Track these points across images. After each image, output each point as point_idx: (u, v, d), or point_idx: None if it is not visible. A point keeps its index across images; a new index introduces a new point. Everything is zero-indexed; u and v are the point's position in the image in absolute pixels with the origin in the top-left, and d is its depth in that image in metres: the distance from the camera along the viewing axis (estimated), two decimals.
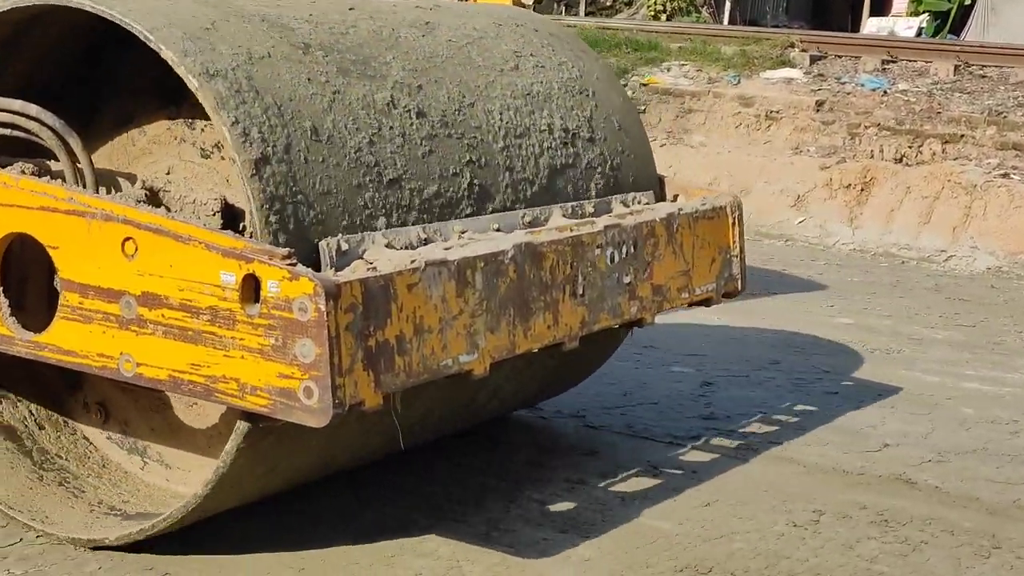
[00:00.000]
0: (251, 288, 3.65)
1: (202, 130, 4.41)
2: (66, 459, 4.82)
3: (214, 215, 4.27)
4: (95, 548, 4.33)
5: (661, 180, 5.63)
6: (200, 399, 4.02)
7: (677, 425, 5.93)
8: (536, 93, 5.10)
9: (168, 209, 4.20)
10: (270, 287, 3.61)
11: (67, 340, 4.06)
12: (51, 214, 4.04)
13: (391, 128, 4.37)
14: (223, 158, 4.31)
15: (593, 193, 5.15)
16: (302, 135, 4.03)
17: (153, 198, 4.26)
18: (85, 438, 4.90)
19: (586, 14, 25.39)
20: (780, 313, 8.42)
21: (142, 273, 3.84)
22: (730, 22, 24.93)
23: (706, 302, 5.39)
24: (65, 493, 4.67)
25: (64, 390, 4.91)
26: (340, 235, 3.98)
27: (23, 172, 4.22)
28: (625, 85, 13.16)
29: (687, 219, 5.16)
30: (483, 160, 4.66)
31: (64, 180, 4.17)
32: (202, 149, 4.40)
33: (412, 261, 3.91)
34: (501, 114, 4.86)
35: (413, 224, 4.29)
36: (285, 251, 3.64)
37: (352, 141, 4.20)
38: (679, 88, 13.10)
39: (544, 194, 4.91)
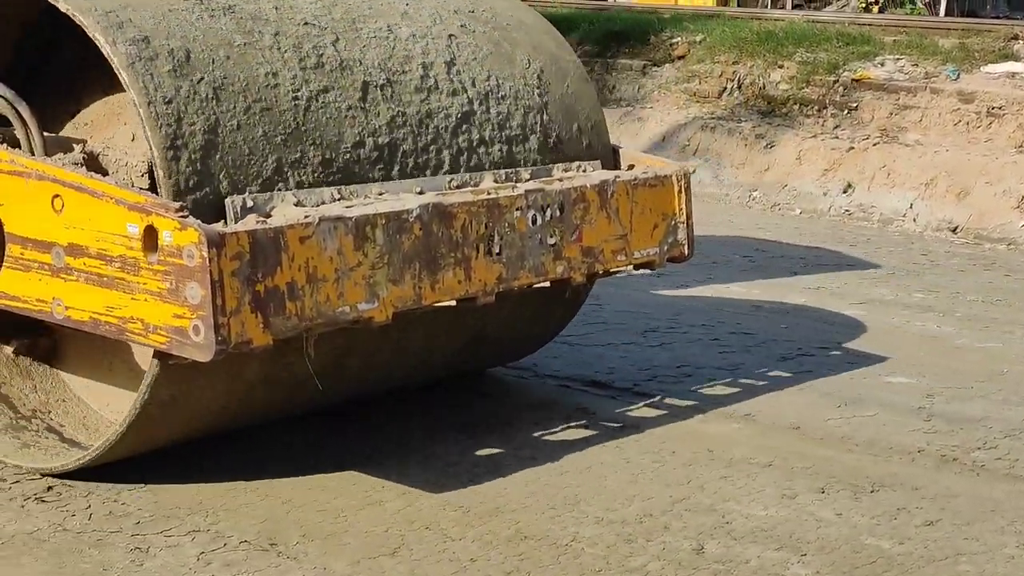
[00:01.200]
0: (152, 238, 4.18)
1: None
2: (41, 397, 5.39)
3: (142, 176, 4.77)
4: (48, 475, 4.87)
5: (615, 150, 5.96)
6: (115, 338, 4.50)
7: None
8: (468, 60, 5.46)
9: (106, 172, 4.72)
10: (165, 237, 4.14)
11: (12, 287, 4.68)
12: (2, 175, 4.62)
13: (310, 90, 4.80)
14: None
15: (532, 161, 5.48)
16: (203, 89, 4.51)
17: (92, 161, 4.75)
18: (60, 380, 5.45)
19: (793, 7, 25.03)
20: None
21: (68, 226, 4.42)
22: (947, 13, 24.29)
23: (649, 265, 5.74)
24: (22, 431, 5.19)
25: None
26: (247, 193, 4.44)
27: None
28: (836, 81, 12.96)
29: (624, 186, 5.50)
30: (409, 125, 5.06)
31: (23, 145, 4.72)
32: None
33: (306, 216, 4.36)
34: (433, 78, 5.25)
35: (332, 185, 4.72)
36: (177, 204, 4.17)
37: (265, 101, 4.65)
38: (893, 84, 12.81)
39: (478, 161, 5.28)
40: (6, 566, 4.18)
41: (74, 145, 4.86)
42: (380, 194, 4.84)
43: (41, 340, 5.42)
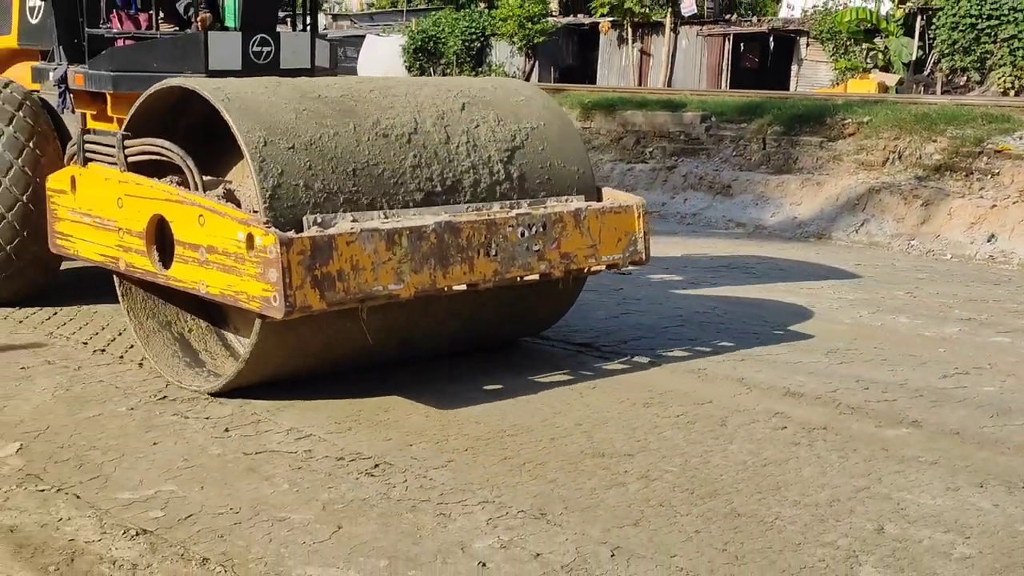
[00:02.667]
0: (251, 241, 5.08)
1: None
2: (204, 342, 6.34)
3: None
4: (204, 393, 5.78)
5: (599, 188, 6.61)
6: (233, 304, 5.37)
7: None
8: (484, 124, 6.20)
9: (239, 203, 5.48)
10: (257, 240, 5.06)
11: (179, 274, 5.57)
12: (171, 203, 5.56)
13: (369, 144, 5.65)
14: None
15: (532, 194, 6.21)
16: (296, 150, 5.38)
17: (229, 195, 5.53)
18: (216, 333, 6.39)
19: (943, 92, 24.25)
20: None
21: (207, 235, 5.33)
22: None
23: (614, 266, 6.36)
24: (192, 364, 6.14)
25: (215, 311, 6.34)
26: (319, 213, 5.31)
27: (171, 182, 5.64)
28: (980, 152, 12.52)
29: (595, 213, 6.21)
30: (439, 172, 5.86)
31: (188, 184, 5.53)
32: None
33: (351, 229, 5.23)
34: (457, 140, 6.03)
35: (380, 210, 5.55)
36: (265, 220, 5.13)
37: (334, 156, 5.49)
38: None
39: (490, 194, 6.04)
40: (348, 524, 4.29)
41: (219, 185, 5.63)
42: (413, 216, 5.61)
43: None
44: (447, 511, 4.41)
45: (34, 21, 7.93)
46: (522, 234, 5.87)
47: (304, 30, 7.81)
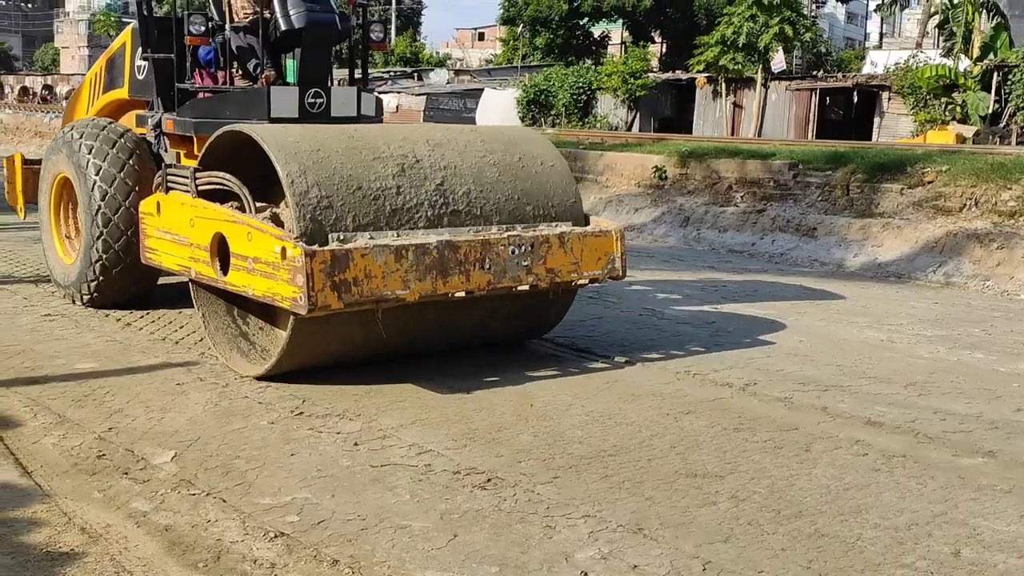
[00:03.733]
0: (284, 253, 5.68)
1: None
2: (254, 335, 6.87)
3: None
4: (251, 377, 6.48)
5: (587, 216, 7.07)
6: (272, 303, 5.94)
7: None
8: (492, 168, 6.72)
9: (281, 224, 5.96)
10: (288, 252, 5.68)
11: (234, 279, 6.15)
12: (227, 223, 6.17)
13: (390, 178, 6.19)
14: None
15: (526, 219, 6.70)
16: (324, 180, 5.95)
17: (275, 217, 6.06)
18: (270, 325, 6.85)
19: (1016, 143, 23.59)
20: None
21: (254, 248, 5.92)
22: None
23: (594, 280, 6.80)
24: (244, 353, 6.73)
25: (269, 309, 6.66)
26: (342, 232, 5.86)
27: (231, 206, 6.23)
28: None
29: (577, 236, 6.71)
30: (452, 199, 6.40)
31: (244, 208, 6.15)
32: None
33: (366, 244, 5.79)
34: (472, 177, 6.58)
35: (394, 229, 6.09)
36: (295, 235, 5.72)
37: (359, 186, 6.04)
38: None
39: (487, 219, 6.52)
40: (463, 532, 4.30)
41: (267, 209, 6.17)
42: (422, 235, 6.11)
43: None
44: (553, 523, 4.40)
45: (140, 77, 8.73)
46: (512, 252, 6.38)
47: (352, 83, 8.41)
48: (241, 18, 8.09)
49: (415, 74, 50.78)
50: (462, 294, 6.18)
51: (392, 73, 50.42)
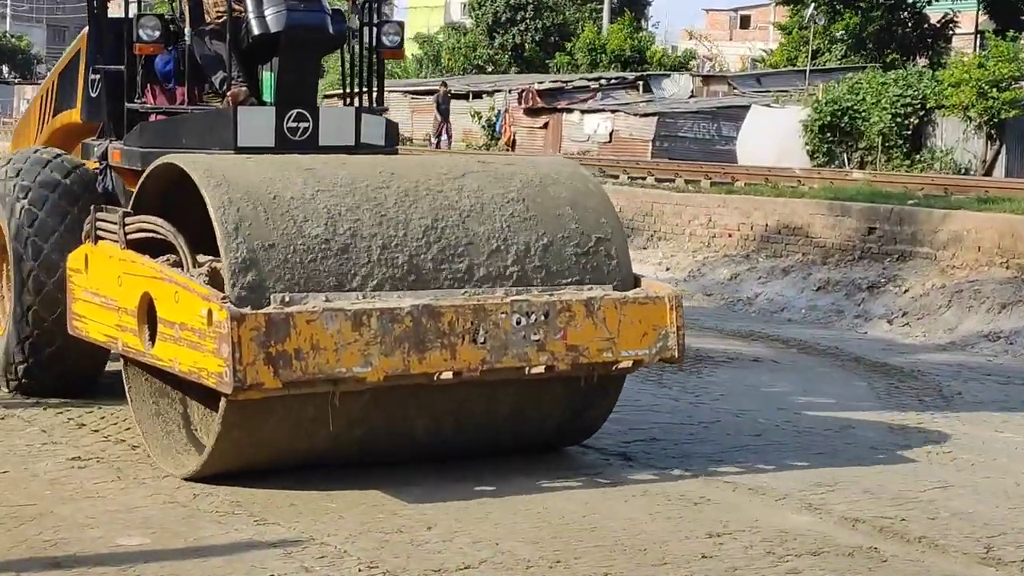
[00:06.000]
0: (211, 317, 4.55)
1: None
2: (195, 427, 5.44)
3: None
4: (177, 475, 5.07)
5: (637, 277, 5.52)
6: (197, 382, 4.78)
7: None
8: (506, 212, 5.27)
9: (221, 282, 4.74)
10: (214, 315, 4.55)
11: (160, 352, 4.93)
12: (155, 280, 4.98)
13: (342, 233, 4.88)
14: None
15: (552, 280, 5.21)
16: (272, 225, 4.76)
17: (214, 273, 4.80)
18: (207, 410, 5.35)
19: None
20: None
21: (180, 311, 4.76)
22: None
23: (639, 363, 5.32)
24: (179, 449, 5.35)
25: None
26: (288, 292, 4.67)
27: (166, 260, 5.02)
28: None
29: (612, 302, 5.18)
30: (439, 253, 5.04)
31: (181, 262, 4.93)
32: None
33: (313, 307, 4.62)
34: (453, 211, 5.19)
35: (363, 291, 4.84)
36: (222, 295, 4.56)
37: (307, 246, 4.80)
38: None
39: (500, 280, 5.11)
40: None
41: (206, 264, 4.96)
42: (396, 297, 4.89)
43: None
44: None
45: (94, 94, 6.80)
46: (518, 321, 4.99)
47: (352, 104, 6.76)
48: (214, 17, 6.52)
49: (639, 82, 34.56)
50: (448, 375, 4.88)
51: (602, 82, 34.14)
